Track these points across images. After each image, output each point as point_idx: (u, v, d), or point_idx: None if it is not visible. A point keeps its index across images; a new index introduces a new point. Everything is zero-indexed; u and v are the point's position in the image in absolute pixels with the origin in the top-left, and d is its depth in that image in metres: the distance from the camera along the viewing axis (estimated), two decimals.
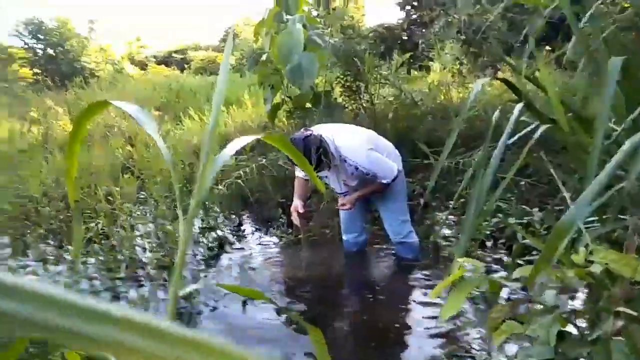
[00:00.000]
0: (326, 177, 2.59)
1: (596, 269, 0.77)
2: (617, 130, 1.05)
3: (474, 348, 1.83)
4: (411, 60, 6.11)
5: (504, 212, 2.65)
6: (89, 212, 3.24)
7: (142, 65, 20.46)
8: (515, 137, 1.30)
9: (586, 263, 0.81)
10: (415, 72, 6.11)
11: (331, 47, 4.10)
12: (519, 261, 1.91)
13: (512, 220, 2.42)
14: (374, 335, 2.14)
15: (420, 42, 7.03)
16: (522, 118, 1.36)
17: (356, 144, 2.41)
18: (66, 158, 0.57)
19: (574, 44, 1.57)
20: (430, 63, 6.07)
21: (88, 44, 16.67)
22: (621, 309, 0.75)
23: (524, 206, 2.59)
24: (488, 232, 2.65)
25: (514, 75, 2.05)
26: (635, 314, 0.73)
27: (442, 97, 5.03)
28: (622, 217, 1.12)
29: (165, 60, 22.71)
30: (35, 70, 14.38)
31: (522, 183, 2.99)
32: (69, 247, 2.86)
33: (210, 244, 2.99)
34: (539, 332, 0.99)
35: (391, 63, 5.35)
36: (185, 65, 20.72)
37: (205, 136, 0.52)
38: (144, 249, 2.82)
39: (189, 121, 6.07)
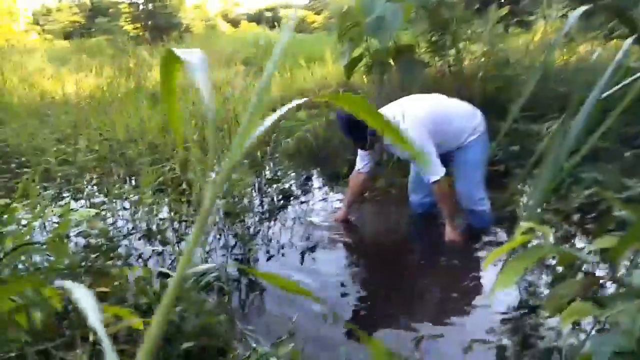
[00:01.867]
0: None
1: None
2: None
3: (542, 325, 1.63)
4: (510, 17, 5.52)
5: (601, 183, 2.31)
6: (167, 157, 3.38)
7: (235, 23, 20.96)
8: (618, 87, 1.05)
9: None
10: (514, 30, 5.52)
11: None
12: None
13: (608, 193, 2.09)
14: (428, 303, 2.01)
15: None
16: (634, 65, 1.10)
17: (410, 124, 2.29)
18: (167, 111, 0.52)
19: None
20: (532, 18, 5.44)
21: (184, 0, 17.37)
22: None
23: (626, 179, 2.23)
24: (577, 205, 2.34)
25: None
26: None
27: (542, 59, 4.49)
28: None
29: (257, 18, 23.07)
30: (136, 25, 15.28)
31: (628, 154, 2.58)
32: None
33: (276, 195, 2.99)
34: (620, 318, 0.81)
35: (486, 18, 4.86)
36: (276, 23, 20.89)
37: (253, 98, 0.44)
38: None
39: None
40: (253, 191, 3.09)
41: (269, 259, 2.34)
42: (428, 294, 2.08)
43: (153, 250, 2.37)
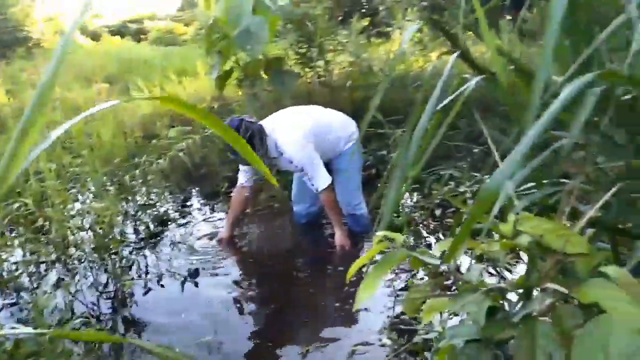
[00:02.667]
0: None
1: (523, 240, 0.66)
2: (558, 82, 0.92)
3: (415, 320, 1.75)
4: (371, 27, 5.92)
5: (455, 179, 2.57)
6: (18, 191, 2.97)
7: (96, 36, 19.37)
8: (454, 96, 1.16)
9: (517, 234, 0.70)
10: (375, 40, 5.92)
11: (283, 11, 3.86)
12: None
13: (463, 188, 2.34)
14: (313, 309, 2.04)
15: (380, 7, 6.84)
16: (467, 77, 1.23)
17: (295, 138, 2.34)
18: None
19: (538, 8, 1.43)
20: (390, 29, 5.90)
21: (32, 12, 15.55)
22: (549, 285, 0.64)
23: (476, 174, 2.51)
24: (438, 201, 2.58)
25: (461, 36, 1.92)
26: (565, 291, 0.63)
27: (402, 66, 4.89)
28: (564, 180, 1.02)
29: (120, 31, 21.57)
30: None
31: (476, 150, 2.92)
32: None
33: (150, 221, 2.80)
34: (469, 309, 0.89)
35: (350, 29, 5.15)
36: (142, 36, 19.76)
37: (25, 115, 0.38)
38: (77, 230, 2.60)
39: (136, 93, 5.72)
40: (125, 220, 2.86)
41: (146, 292, 2.17)
42: (316, 304, 2.11)
43: (3, 302, 2.06)
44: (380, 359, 1.62)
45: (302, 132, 2.36)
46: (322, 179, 2.35)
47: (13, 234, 2.59)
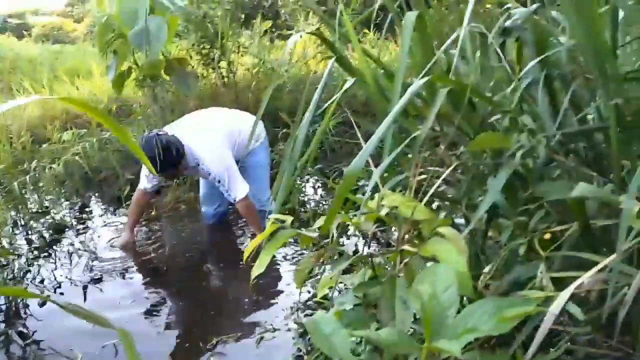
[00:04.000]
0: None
1: (383, 211, 0.81)
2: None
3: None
4: (273, 30, 6.04)
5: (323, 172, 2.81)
6: None
7: None
8: (335, 99, 1.30)
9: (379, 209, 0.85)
10: (279, 42, 6.05)
11: (182, 11, 3.82)
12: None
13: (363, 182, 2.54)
14: (223, 303, 2.10)
15: (282, 11, 6.99)
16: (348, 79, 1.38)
17: (212, 147, 2.34)
18: None
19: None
20: (292, 32, 6.06)
21: None
22: (405, 247, 0.79)
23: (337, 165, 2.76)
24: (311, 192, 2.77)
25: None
26: (414, 250, 0.78)
27: (304, 68, 5.07)
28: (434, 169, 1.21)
29: None
30: None
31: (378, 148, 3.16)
32: None
33: (45, 230, 2.64)
34: (353, 279, 1.03)
35: (252, 31, 5.22)
36: (25, 32, 17.95)
37: None
38: None
39: (23, 94, 5.26)
40: (15, 229, 2.67)
41: (42, 304, 2.07)
42: (224, 299, 2.17)
43: None
44: (287, 340, 1.73)
45: (218, 140, 2.37)
46: (240, 189, 2.34)
47: None
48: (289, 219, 0.94)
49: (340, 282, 1.08)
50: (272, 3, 7.50)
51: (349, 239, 2.09)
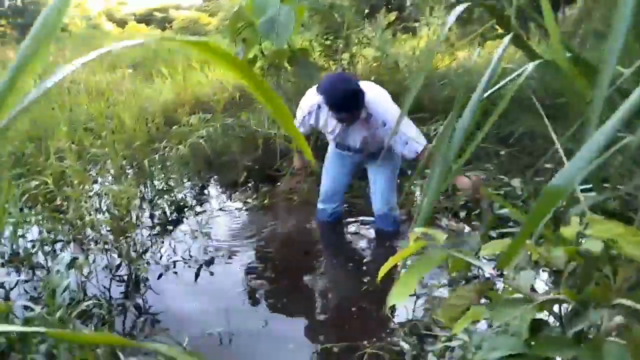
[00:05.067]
0: (338, 130, 2.27)
1: (594, 246, 0.57)
2: (623, 75, 0.83)
3: (439, 325, 1.66)
4: (397, 22, 5.80)
5: (482, 181, 2.46)
6: (38, 169, 2.96)
7: (121, 23, 19.60)
8: (501, 85, 1.06)
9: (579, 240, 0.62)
10: (402, 35, 5.81)
11: (310, 1, 3.78)
12: (492, 234, 1.73)
13: (489, 190, 2.23)
14: (330, 307, 1.97)
15: (407, 3, 6.71)
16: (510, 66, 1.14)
17: (387, 100, 2.16)
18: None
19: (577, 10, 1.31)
20: (417, 25, 5.77)
21: None
22: (623, 301, 0.55)
23: (503, 177, 2.40)
24: (462, 203, 2.48)
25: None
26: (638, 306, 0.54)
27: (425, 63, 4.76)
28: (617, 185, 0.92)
29: (145, 19, 21.78)
30: (1, 22, 13.44)
31: (503, 153, 2.80)
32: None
33: (167, 207, 2.76)
34: (508, 319, 0.80)
35: (376, 23, 5.05)
36: (167, 25, 19.93)
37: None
38: (93, 212, 2.58)
39: (160, 80, 5.72)
40: (143, 204, 2.83)
41: (159, 277, 2.13)
42: (333, 303, 2.04)
43: (18, 279, 2.04)
44: None
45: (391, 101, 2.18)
46: (419, 139, 2.10)
47: (31, 211, 2.57)
48: (440, 235, 0.74)
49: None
50: None
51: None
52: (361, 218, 2.69)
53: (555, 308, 0.74)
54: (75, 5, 18.06)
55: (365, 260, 2.37)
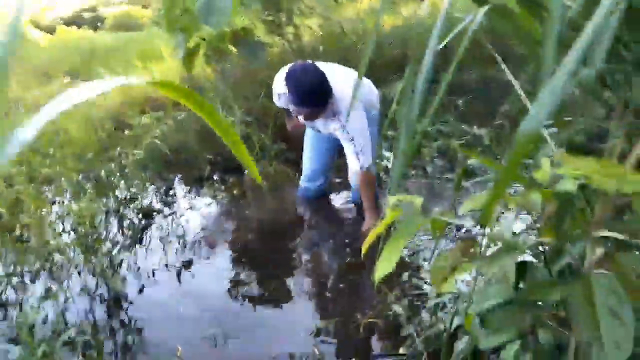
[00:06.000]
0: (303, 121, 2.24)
1: (569, 185, 0.57)
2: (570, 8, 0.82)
3: (427, 283, 1.69)
4: None
5: (443, 134, 2.48)
6: None
7: (50, 29, 18.46)
8: (448, 39, 1.04)
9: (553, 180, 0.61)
10: (343, 0, 5.71)
11: None
12: (466, 184, 1.75)
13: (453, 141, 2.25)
14: (319, 286, 1.97)
15: None
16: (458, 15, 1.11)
17: (360, 112, 2.06)
18: None
19: None
20: None
21: None
22: (605, 233, 0.55)
23: (463, 126, 2.43)
24: (428, 158, 2.50)
25: None
26: (622, 237, 0.54)
27: (372, 24, 4.72)
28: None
29: (75, 21, 20.59)
30: None
31: (460, 102, 2.82)
32: None
33: (135, 216, 2.66)
34: (494, 268, 0.81)
35: None
36: (99, 24, 18.91)
37: None
38: (57, 235, 2.46)
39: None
40: (108, 217, 2.72)
41: (141, 289, 2.07)
42: (321, 281, 2.04)
43: None
44: (393, 326, 1.56)
45: (359, 100, 2.09)
46: (369, 156, 2.07)
47: None
48: (417, 200, 0.73)
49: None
50: None
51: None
52: (344, 192, 2.67)
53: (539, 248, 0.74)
54: None
55: (348, 233, 2.37)
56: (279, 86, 2.21)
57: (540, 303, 0.72)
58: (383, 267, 0.69)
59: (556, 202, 0.63)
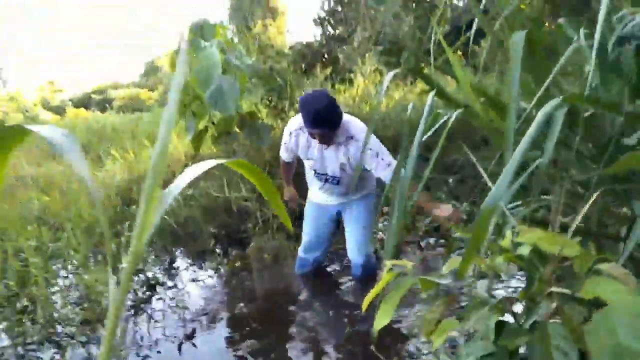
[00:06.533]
0: (312, 159, 2.34)
1: (524, 250, 0.72)
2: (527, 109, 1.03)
3: (422, 352, 1.76)
4: (333, 75, 6.19)
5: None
6: None
7: (59, 111, 19.34)
8: (433, 130, 1.25)
9: (515, 247, 0.76)
10: (339, 86, 6.19)
11: (250, 68, 4.02)
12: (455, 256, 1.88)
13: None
14: (319, 354, 2.02)
15: (340, 56, 7.17)
16: (440, 112, 1.33)
17: (362, 124, 2.23)
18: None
19: (488, 45, 1.56)
20: (352, 75, 6.17)
21: None
22: (553, 288, 0.70)
23: (454, 202, 2.61)
24: (421, 233, 2.65)
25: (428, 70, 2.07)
26: (568, 292, 0.69)
27: (367, 108, 5.10)
28: (545, 197, 1.10)
29: (84, 103, 21.62)
30: None
31: (450, 180, 3.03)
32: None
33: (139, 288, 2.74)
34: (477, 326, 0.93)
35: (314, 79, 5.38)
36: (107, 105, 19.87)
37: (151, 166, 0.40)
38: (64, 306, 2.52)
39: (111, 162, 5.71)
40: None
41: None
42: (320, 349, 2.09)
43: None
44: None
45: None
46: (393, 166, 2.10)
47: None
48: (409, 264, 0.88)
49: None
50: (331, 50, 7.75)
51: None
52: (343, 262, 2.78)
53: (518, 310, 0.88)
54: (7, 99, 17.72)
55: (347, 302, 2.45)
56: (291, 125, 2.36)
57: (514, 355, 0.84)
58: (380, 321, 0.82)
59: (520, 264, 0.78)
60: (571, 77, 1.16)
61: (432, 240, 2.75)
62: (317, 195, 2.53)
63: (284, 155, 2.49)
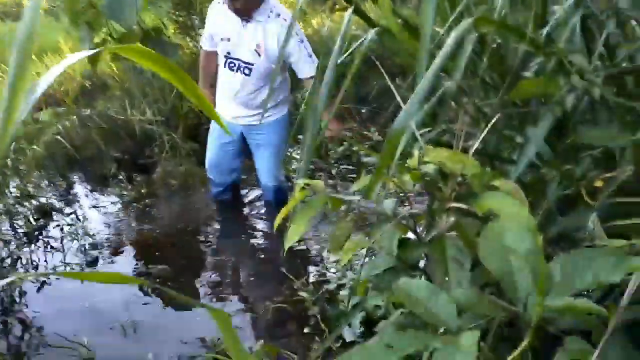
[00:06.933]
0: (229, 39, 2.13)
1: (429, 169, 0.75)
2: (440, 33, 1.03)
3: (330, 271, 1.87)
4: None
5: (347, 140, 2.71)
6: None
7: None
8: (349, 52, 1.22)
9: (421, 167, 0.79)
10: None
11: None
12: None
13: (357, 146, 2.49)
14: (229, 275, 2.06)
15: None
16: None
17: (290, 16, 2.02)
18: None
19: None
20: None
21: None
22: (452, 204, 0.74)
23: (366, 132, 2.68)
24: (333, 161, 2.72)
25: None
26: (465, 207, 0.73)
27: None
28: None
29: None
30: None
31: (364, 111, 3.09)
32: None
33: (31, 215, 2.52)
34: (383, 242, 0.99)
35: None
36: None
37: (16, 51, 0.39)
38: None
39: None
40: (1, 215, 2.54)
41: (39, 288, 1.99)
42: (230, 270, 2.13)
43: None
44: (299, 310, 1.70)
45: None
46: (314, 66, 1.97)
47: None
48: (319, 183, 0.88)
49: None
50: None
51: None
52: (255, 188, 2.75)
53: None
54: None
55: (257, 227, 2.47)
56: (211, 7, 2.27)
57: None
58: (291, 237, 0.83)
59: (422, 182, 0.82)
60: (484, 4, 1.18)
61: (343, 169, 2.82)
62: (224, 108, 2.32)
63: (205, 43, 2.34)
